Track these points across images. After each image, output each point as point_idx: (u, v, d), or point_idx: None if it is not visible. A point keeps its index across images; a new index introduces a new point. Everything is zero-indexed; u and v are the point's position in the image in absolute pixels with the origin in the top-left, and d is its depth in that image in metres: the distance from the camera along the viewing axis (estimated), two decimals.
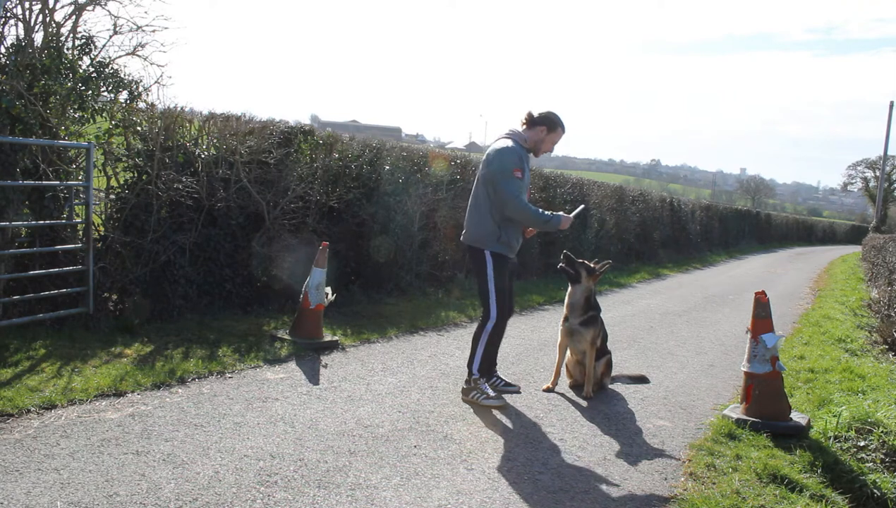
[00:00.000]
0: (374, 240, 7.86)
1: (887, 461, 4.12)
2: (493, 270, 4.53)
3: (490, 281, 4.54)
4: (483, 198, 4.55)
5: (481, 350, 4.61)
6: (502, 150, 4.50)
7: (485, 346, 4.61)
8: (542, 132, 4.63)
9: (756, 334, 4.53)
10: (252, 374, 4.85)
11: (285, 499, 3.08)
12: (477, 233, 4.57)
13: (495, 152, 4.52)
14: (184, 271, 6.03)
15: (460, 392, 4.75)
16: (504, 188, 4.41)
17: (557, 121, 4.66)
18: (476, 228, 4.58)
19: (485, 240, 4.55)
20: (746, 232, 28.12)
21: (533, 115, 4.62)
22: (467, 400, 4.63)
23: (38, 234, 5.31)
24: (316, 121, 64.12)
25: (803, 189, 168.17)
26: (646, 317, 8.67)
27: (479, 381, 4.63)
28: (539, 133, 4.63)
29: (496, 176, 4.44)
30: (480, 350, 4.61)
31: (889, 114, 34.55)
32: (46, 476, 3.09)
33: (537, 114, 4.63)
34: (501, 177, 4.42)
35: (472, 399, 4.61)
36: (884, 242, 17.51)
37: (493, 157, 4.51)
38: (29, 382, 4.15)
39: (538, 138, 4.63)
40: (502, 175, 4.42)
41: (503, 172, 4.42)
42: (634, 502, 3.40)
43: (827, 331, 7.99)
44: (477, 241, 4.57)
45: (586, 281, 5.09)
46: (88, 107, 5.67)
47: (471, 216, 4.63)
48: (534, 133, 4.63)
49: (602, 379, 5.22)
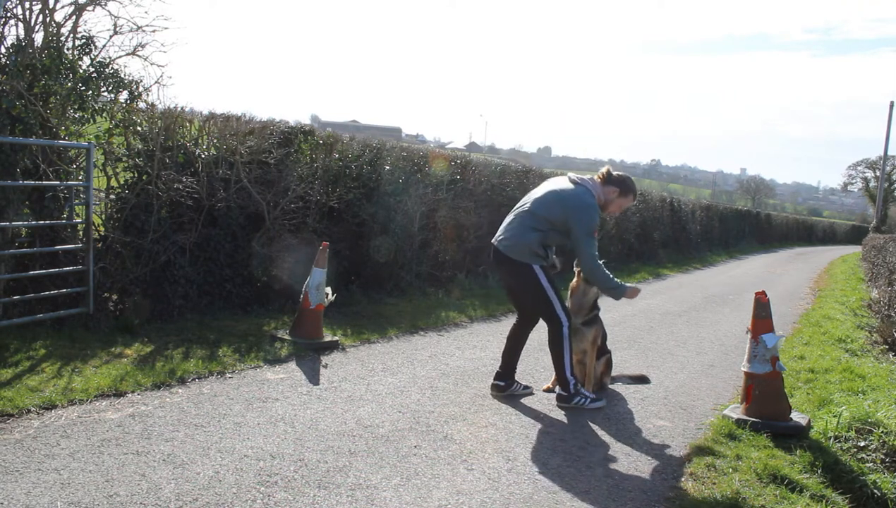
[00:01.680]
0: (374, 240, 7.86)
1: (887, 461, 4.12)
2: (545, 280, 4.58)
3: (548, 291, 4.59)
4: (543, 221, 4.53)
5: (567, 355, 4.66)
6: (588, 208, 4.49)
7: (561, 354, 4.66)
8: (613, 193, 4.69)
9: (756, 334, 4.53)
10: (252, 374, 4.85)
11: (285, 499, 3.08)
12: (526, 250, 4.55)
13: (580, 204, 4.48)
14: (184, 271, 6.03)
15: (557, 400, 4.76)
16: (585, 248, 4.47)
17: (632, 187, 4.75)
18: (525, 245, 4.55)
19: (532, 258, 4.57)
20: (746, 232, 28.12)
21: (611, 174, 4.72)
22: (568, 407, 4.69)
23: (39, 234, 5.31)
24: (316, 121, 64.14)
25: (803, 189, 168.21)
26: (646, 317, 8.67)
27: (579, 386, 4.73)
28: (611, 193, 4.69)
29: (579, 230, 4.45)
30: (567, 356, 4.66)
31: (889, 114, 34.57)
32: (46, 476, 3.09)
33: (615, 175, 4.72)
34: (584, 235, 4.46)
35: (577, 405, 4.68)
36: (884, 242, 17.52)
37: (577, 207, 4.47)
38: (29, 382, 4.15)
39: (609, 198, 4.69)
40: (586, 232, 4.46)
41: (587, 230, 4.46)
42: (634, 502, 3.40)
43: (827, 331, 7.99)
44: (521, 256, 4.57)
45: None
46: (88, 108, 5.67)
47: (521, 234, 4.57)
48: (607, 190, 4.68)
49: (602, 378, 5.22)
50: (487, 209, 10.10)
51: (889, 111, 34.58)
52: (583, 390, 4.76)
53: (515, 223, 4.64)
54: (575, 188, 4.57)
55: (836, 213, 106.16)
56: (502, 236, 4.68)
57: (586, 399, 4.73)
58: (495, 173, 10.58)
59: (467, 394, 4.84)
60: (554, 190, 4.61)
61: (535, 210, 4.58)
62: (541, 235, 4.52)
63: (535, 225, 4.54)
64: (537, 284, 4.57)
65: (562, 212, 4.49)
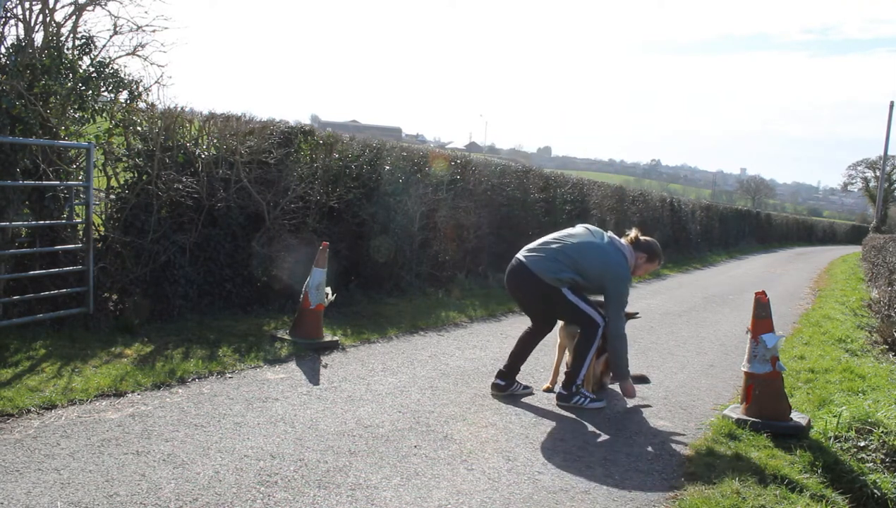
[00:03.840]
0: (374, 240, 7.86)
1: (887, 461, 4.12)
2: (574, 296, 4.65)
3: (580, 303, 4.66)
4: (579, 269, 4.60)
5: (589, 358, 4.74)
6: (626, 281, 4.68)
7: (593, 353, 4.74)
8: (642, 258, 4.85)
9: (756, 334, 4.53)
10: (252, 374, 4.85)
11: (285, 499, 3.08)
12: (556, 279, 4.61)
13: (620, 275, 4.63)
14: (184, 271, 6.03)
15: (557, 399, 4.80)
16: (615, 317, 4.63)
17: (658, 253, 4.91)
18: (555, 275, 4.60)
19: (562, 285, 4.63)
20: (746, 232, 28.13)
21: (640, 240, 4.86)
22: (568, 406, 4.73)
23: (38, 234, 5.31)
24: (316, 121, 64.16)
25: (803, 189, 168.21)
26: (646, 317, 8.66)
27: (581, 387, 4.77)
28: (640, 258, 4.84)
29: (614, 301, 4.62)
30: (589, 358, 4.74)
31: (889, 114, 34.58)
32: (46, 476, 3.09)
33: (643, 240, 4.86)
34: (618, 306, 4.64)
35: (576, 404, 4.73)
36: (884, 242, 17.51)
37: (617, 277, 4.61)
38: (29, 382, 4.15)
39: (638, 263, 4.84)
40: (619, 304, 4.64)
41: (621, 303, 4.65)
42: (634, 502, 3.40)
43: (827, 331, 7.99)
44: (551, 280, 4.62)
45: None
46: (88, 107, 5.67)
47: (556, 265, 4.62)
48: (637, 256, 4.82)
49: (602, 378, 5.22)
50: (487, 209, 10.11)
51: (889, 111, 34.60)
52: (583, 390, 4.78)
53: (553, 251, 4.67)
54: (615, 255, 4.68)
55: (836, 213, 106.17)
56: (535, 255, 4.71)
57: (586, 399, 4.74)
58: (495, 173, 10.58)
59: (467, 394, 4.84)
60: (596, 244, 4.69)
61: (574, 256, 4.63)
62: (573, 277, 4.62)
63: (571, 266, 4.62)
64: (567, 302, 4.65)
65: (600, 274, 4.61)
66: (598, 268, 4.60)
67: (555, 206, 12.05)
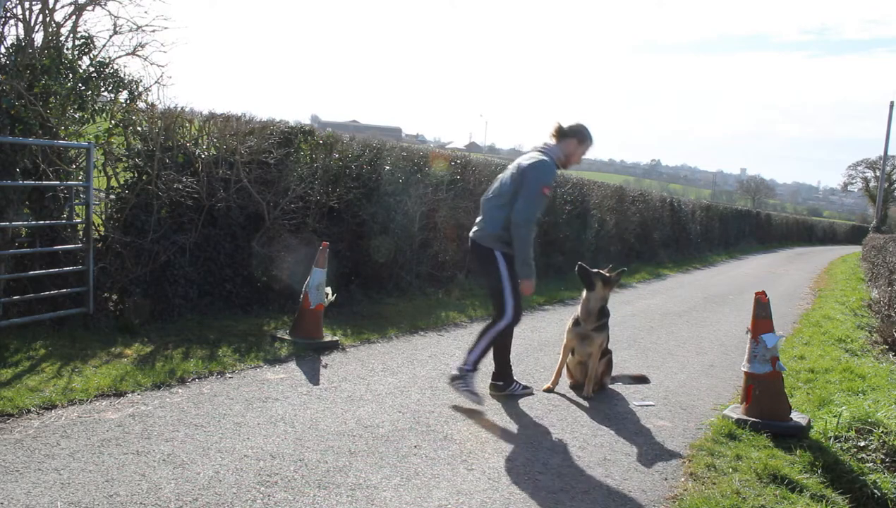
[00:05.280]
0: (374, 240, 7.86)
1: (887, 461, 4.12)
2: (506, 269, 4.52)
3: (504, 280, 4.52)
4: (507, 204, 4.48)
5: (483, 344, 4.61)
6: (540, 165, 4.48)
7: (488, 342, 4.61)
8: (572, 144, 4.64)
9: (756, 334, 4.53)
10: (252, 374, 4.85)
11: (285, 499, 3.08)
12: (492, 234, 4.54)
13: (531, 166, 4.48)
14: (184, 271, 6.03)
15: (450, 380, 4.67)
16: (524, 205, 4.39)
17: (587, 133, 4.69)
18: (492, 229, 4.54)
19: (497, 243, 4.53)
20: (746, 232, 28.10)
21: (563, 127, 4.64)
22: (454, 386, 4.59)
23: (39, 234, 5.31)
24: (316, 121, 64.13)
25: (803, 189, 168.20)
26: (646, 317, 8.67)
27: (470, 374, 4.59)
28: (569, 145, 4.64)
29: (527, 188, 4.41)
30: (483, 344, 4.62)
31: (889, 114, 34.53)
32: (46, 476, 3.09)
33: (567, 126, 4.64)
34: (529, 192, 4.40)
35: (456, 387, 4.58)
36: (884, 242, 17.51)
37: (528, 170, 4.47)
38: (29, 382, 4.15)
39: (569, 151, 4.64)
40: (533, 191, 4.40)
41: (535, 188, 4.40)
42: (634, 502, 3.40)
43: (827, 331, 7.99)
44: (487, 240, 4.55)
45: (601, 289, 5.11)
46: (88, 107, 5.67)
47: (490, 218, 4.57)
48: (564, 145, 4.64)
49: (602, 378, 5.23)
50: None
51: (889, 111, 34.55)
52: (469, 376, 4.56)
53: (489, 211, 4.62)
54: (528, 160, 4.55)
55: (836, 213, 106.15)
56: (476, 226, 4.69)
57: (465, 386, 4.54)
58: (495, 173, 10.58)
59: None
60: (509, 170, 4.64)
61: (501, 192, 4.56)
62: (506, 213, 4.45)
63: (501, 207, 4.50)
64: (494, 270, 4.53)
65: (517, 183, 4.46)
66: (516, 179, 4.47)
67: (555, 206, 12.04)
